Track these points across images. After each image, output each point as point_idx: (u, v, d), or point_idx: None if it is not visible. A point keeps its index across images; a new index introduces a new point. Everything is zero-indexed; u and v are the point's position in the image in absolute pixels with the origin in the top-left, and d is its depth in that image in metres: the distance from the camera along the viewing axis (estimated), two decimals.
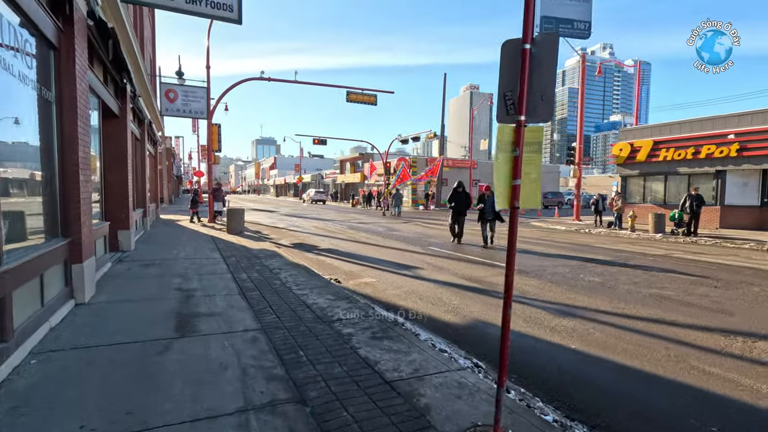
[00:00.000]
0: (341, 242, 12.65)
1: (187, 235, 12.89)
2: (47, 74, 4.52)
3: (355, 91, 20.65)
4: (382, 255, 10.27)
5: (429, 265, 8.85)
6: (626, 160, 20.44)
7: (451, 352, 3.93)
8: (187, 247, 10.08)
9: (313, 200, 47.93)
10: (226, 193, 19.35)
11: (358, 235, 14.47)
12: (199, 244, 10.84)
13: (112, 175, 8.85)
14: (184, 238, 12.08)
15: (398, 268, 8.49)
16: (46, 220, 4.53)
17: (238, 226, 13.53)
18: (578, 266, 8.89)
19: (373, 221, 20.84)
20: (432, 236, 14.29)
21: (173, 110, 14.15)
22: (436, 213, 29.94)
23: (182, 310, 4.88)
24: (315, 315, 4.82)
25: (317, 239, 13.29)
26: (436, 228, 17.51)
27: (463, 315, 5.39)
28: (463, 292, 6.61)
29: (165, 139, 37.45)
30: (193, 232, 13.88)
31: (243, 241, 11.77)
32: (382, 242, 12.61)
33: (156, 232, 13.54)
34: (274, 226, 17.54)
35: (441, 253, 10.51)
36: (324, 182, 68.15)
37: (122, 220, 9.01)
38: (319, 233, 15.04)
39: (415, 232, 15.78)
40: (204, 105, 14.60)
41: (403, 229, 16.92)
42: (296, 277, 6.97)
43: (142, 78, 10.53)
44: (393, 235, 14.68)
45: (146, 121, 13.24)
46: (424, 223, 20.35)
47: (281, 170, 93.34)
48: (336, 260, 9.48)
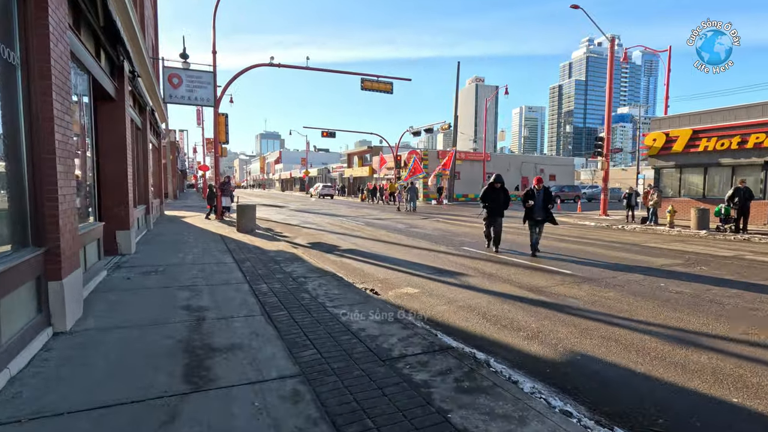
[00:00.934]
0: (362, 241, 11.48)
1: (194, 234, 11.77)
2: (8, 26, 3.34)
3: (370, 79, 19.38)
4: (413, 257, 9.09)
5: (473, 270, 7.66)
6: (660, 151, 19.07)
7: (577, 414, 2.75)
8: (194, 249, 8.94)
9: (321, 195, 46.80)
10: (233, 188, 18.21)
11: (378, 233, 13.29)
12: (207, 245, 9.71)
13: (109, 167, 7.71)
14: (191, 237, 10.96)
15: (439, 275, 7.31)
16: (9, 224, 3.38)
17: (249, 224, 12.40)
18: (649, 272, 7.66)
19: (388, 217, 19.65)
20: (459, 234, 13.08)
21: (177, 97, 12.98)
22: (452, 208, 28.70)
23: (192, 341, 3.73)
24: (366, 347, 3.65)
25: (335, 238, 12.13)
26: (460, 224, 16.28)
27: (551, 344, 4.20)
28: (532, 308, 5.42)
29: (169, 132, 36.39)
30: (201, 230, 12.76)
31: (256, 240, 10.62)
32: (407, 241, 11.43)
33: (160, 230, 12.43)
34: (286, 223, 16.40)
35: (479, 255, 9.31)
36: (331, 176, 66.96)
37: (121, 218, 7.88)
38: (335, 231, 13.88)
39: (438, 229, 14.58)
40: (210, 92, 13.39)
41: (424, 225, 15.72)
42: (326, 287, 5.80)
43: (143, 58, 9.35)
44: (416, 232, 13.49)
45: (148, 108, 12.09)
46: (444, 219, 19.14)
47: (287, 164, 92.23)
48: (363, 264, 8.31)
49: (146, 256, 7.95)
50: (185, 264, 7.28)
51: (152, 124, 15.05)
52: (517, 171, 43.48)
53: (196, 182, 77.42)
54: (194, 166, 70.70)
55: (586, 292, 6.14)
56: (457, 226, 15.50)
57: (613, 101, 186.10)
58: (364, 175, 49.63)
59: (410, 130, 36.15)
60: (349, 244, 10.99)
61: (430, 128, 32.98)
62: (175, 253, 8.45)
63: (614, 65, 21.38)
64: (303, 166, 70.02)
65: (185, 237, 10.99)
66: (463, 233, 13.34)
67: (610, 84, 21.32)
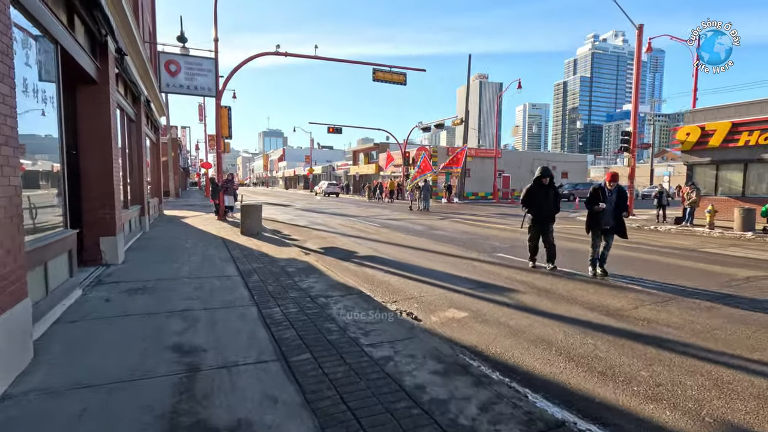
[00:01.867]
0: (381, 246, 10.26)
1: (193, 237, 10.59)
2: None
3: (382, 69, 18.13)
4: (445, 266, 7.86)
5: (522, 285, 6.43)
6: (695, 146, 17.74)
7: None
8: (192, 257, 7.75)
9: (326, 193, 45.65)
10: (237, 186, 17.02)
11: (395, 236, 12.07)
12: (207, 250, 8.51)
13: (91, 162, 6.52)
14: (189, 241, 9.77)
15: (483, 290, 6.09)
16: None
17: (254, 226, 11.20)
18: (738, 287, 6.41)
19: (403, 217, 18.42)
20: (488, 238, 11.83)
21: (175, 86, 11.78)
22: (464, 207, 27.43)
23: (179, 417, 2.52)
24: (440, 430, 2.43)
25: (350, 242, 10.92)
26: (482, 226, 15.03)
27: (691, 411, 2.96)
28: (623, 341, 4.19)
29: (170, 128, 35.26)
30: (201, 233, 11.58)
31: (262, 245, 9.42)
32: (431, 246, 10.21)
33: (156, 233, 11.26)
34: (294, 224, 15.21)
35: (519, 264, 8.08)
36: (335, 174, 65.75)
37: (106, 223, 6.69)
38: (348, 233, 12.67)
39: (461, 231, 13.33)
40: (212, 80, 12.19)
41: (443, 227, 14.48)
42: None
43: (133, 38, 8.14)
44: (438, 235, 12.26)
45: (142, 98, 10.89)
46: (462, 219, 17.88)
47: (290, 162, 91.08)
48: (390, 275, 7.09)
49: (135, 267, 6.77)
50: (180, 278, 6.09)
51: (149, 117, 13.87)
52: (529, 168, 42.11)
53: (199, 180, 76.41)
54: (197, 164, 69.67)
55: (679, 318, 4.90)
56: (480, 228, 14.25)
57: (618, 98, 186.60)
58: (370, 172, 48.41)
59: (419, 126, 34.88)
60: (367, 249, 9.78)
61: (440, 123, 31.71)
62: (170, 262, 7.26)
63: (641, 54, 19.98)
64: (307, 164, 68.81)
65: (183, 241, 9.81)
66: (492, 236, 12.09)
67: (637, 75, 19.97)
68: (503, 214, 20.46)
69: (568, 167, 44.56)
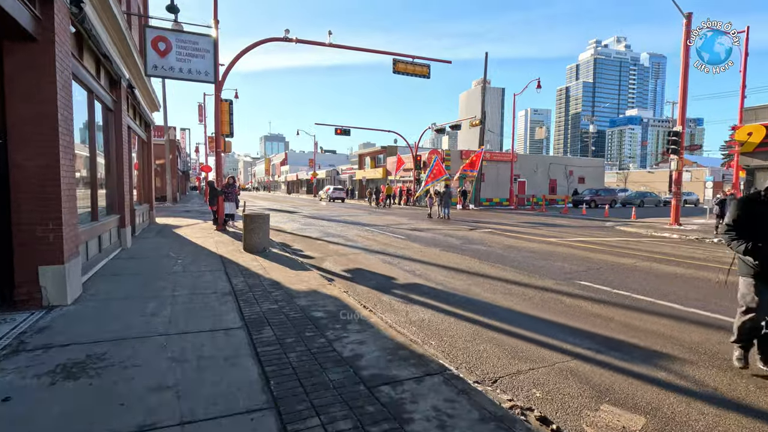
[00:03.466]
0: (419, 267, 8.11)
1: (185, 255, 8.45)
2: None
3: (404, 60, 16.08)
4: (523, 303, 5.71)
5: (680, 347, 4.27)
6: (757, 148, 15.66)
7: None
8: (178, 290, 5.61)
9: (331, 198, 43.57)
10: (239, 191, 14.91)
11: (430, 253, 9.92)
12: (200, 279, 6.37)
13: (23, 156, 4.41)
14: (178, 262, 7.63)
15: (620, 356, 3.95)
16: None
17: (260, 242, 9.07)
18: None
19: (425, 227, 16.27)
20: (548, 256, 9.66)
21: (165, 68, 9.68)
22: (484, 214, 25.29)
23: None
24: None
25: (378, 261, 8.77)
26: (526, 238, 12.85)
27: None
28: None
29: (169, 129, 33.25)
30: (195, 248, 9.44)
31: (272, 268, 7.28)
32: (482, 268, 8.06)
33: (140, 249, 9.12)
34: (304, 235, 13.06)
35: (629, 302, 5.92)
36: (339, 178, 63.72)
37: (47, 245, 4.56)
38: (372, 248, 10.52)
39: (506, 246, 11.16)
40: (210, 63, 10.07)
41: (482, 240, 12.31)
42: (450, 423, 2.45)
43: None
44: (482, 252, 10.11)
45: (123, 82, 8.79)
46: (496, 229, 15.71)
47: (293, 166, 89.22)
48: (459, 321, 4.93)
49: (91, 312, 4.62)
50: (153, 335, 3.94)
51: (136, 110, 11.79)
52: (545, 173, 40.08)
53: (199, 184, 74.36)
54: (197, 167, 67.66)
55: None
56: (526, 241, 12.07)
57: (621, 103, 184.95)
58: (377, 177, 46.33)
59: (432, 128, 32.85)
60: (405, 272, 7.63)
61: (457, 125, 29.67)
62: (146, 299, 5.11)
63: (688, 46, 17.91)
64: (310, 168, 66.81)
65: (172, 261, 7.67)
66: (551, 254, 9.92)
67: (685, 67, 17.89)
68: (536, 224, 18.30)
69: (584, 172, 42.49)
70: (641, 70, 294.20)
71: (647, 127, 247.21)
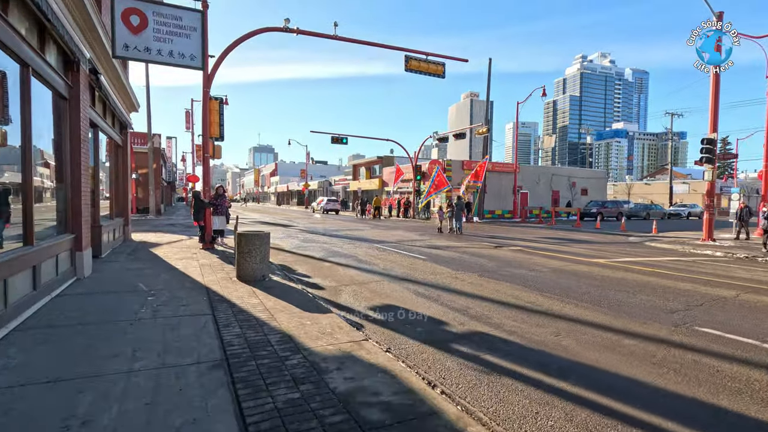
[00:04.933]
0: (466, 302, 6.22)
1: (158, 288, 6.42)
2: None
3: (417, 57, 14.40)
4: (643, 368, 3.86)
5: None
6: None
7: None
8: (137, 362, 3.60)
9: (325, 210, 41.58)
10: (229, 203, 12.89)
11: (467, 279, 8.03)
12: (175, 332, 4.36)
13: None
14: (147, 302, 5.60)
15: None
16: None
17: (259, 268, 7.10)
18: None
19: (441, 243, 14.39)
20: (621, 285, 7.84)
21: (139, 49, 7.70)
22: (492, 228, 23.54)
23: None
24: None
25: (408, 293, 6.86)
26: (570, 259, 11.05)
27: None
28: None
29: (153, 137, 31.05)
30: (174, 276, 7.41)
31: (277, 309, 5.31)
32: (546, 302, 6.20)
33: (100, 280, 7.06)
34: (307, 255, 11.08)
35: None
36: (332, 189, 61.78)
37: None
38: (394, 272, 8.60)
39: (553, 269, 9.33)
40: (197, 45, 8.13)
41: (518, 260, 10.48)
42: None
43: None
44: (530, 279, 8.26)
45: (83, 63, 6.83)
46: (524, 247, 13.91)
47: (283, 177, 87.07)
48: (604, 418, 3.04)
49: None
50: None
51: (105, 104, 9.81)
52: (548, 184, 38.74)
53: (186, 195, 71.62)
54: (183, 177, 65.08)
55: None
56: (567, 261, 10.26)
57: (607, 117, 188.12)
58: (373, 188, 44.51)
59: (434, 137, 31.26)
60: (455, 313, 5.72)
61: (461, 133, 28.13)
62: (72, 394, 3.11)
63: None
64: (302, 179, 64.76)
65: (138, 301, 5.64)
66: (612, 280, 8.11)
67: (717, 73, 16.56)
68: (561, 240, 16.59)
69: (587, 183, 41.30)
70: (626, 84, 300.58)
71: (633, 140, 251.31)
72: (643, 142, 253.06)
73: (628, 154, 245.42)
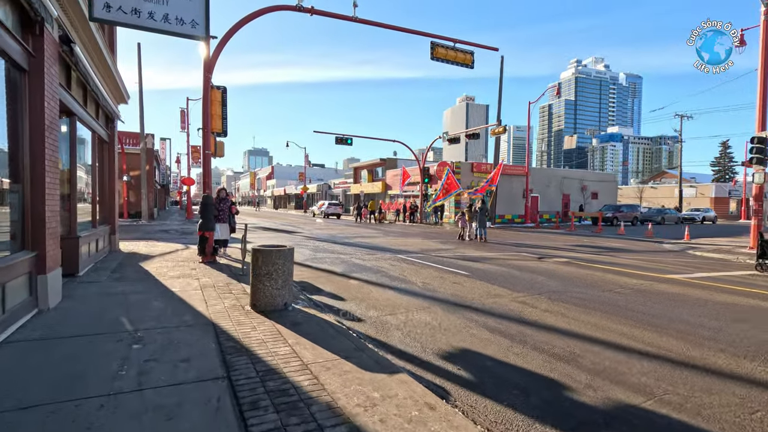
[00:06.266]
0: (568, 344, 4.60)
1: (147, 327, 4.71)
2: None
3: (444, 44, 12.83)
4: None
5: None
6: None
7: None
8: None
9: (326, 214, 39.93)
10: (236, 209, 11.19)
11: (539, 305, 6.41)
12: (171, 425, 2.69)
13: None
14: (131, 353, 3.91)
15: None
16: None
17: (280, 294, 5.43)
18: None
19: (473, 253, 12.76)
20: (729, 314, 6.24)
21: (124, 10, 5.90)
22: (511, 234, 21.98)
23: None
24: None
25: (481, 329, 5.22)
26: (625, 273, 9.44)
27: None
28: None
29: (146, 137, 29.22)
30: (169, 305, 5.70)
31: (317, 362, 3.64)
32: (687, 351, 4.59)
33: (68, 313, 5.34)
34: (324, 269, 9.39)
35: None
36: (331, 192, 60.04)
37: None
38: (438, 293, 6.95)
39: (630, 288, 7.72)
40: (199, 8, 6.38)
41: (579, 276, 8.86)
42: None
43: None
44: (624, 306, 6.63)
45: (48, 25, 5.14)
46: (564, 257, 12.31)
47: (280, 180, 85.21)
48: None
49: None
50: None
51: (85, 87, 8.10)
52: (558, 188, 37.31)
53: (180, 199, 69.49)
54: (178, 180, 63.04)
55: None
56: (637, 278, 8.66)
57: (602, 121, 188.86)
58: (376, 191, 42.86)
59: (444, 137, 29.71)
60: (564, 365, 4.09)
61: (475, 133, 26.56)
62: None
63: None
64: (300, 182, 62.93)
65: (118, 353, 3.95)
66: (717, 305, 6.51)
67: (765, 64, 15.17)
68: (597, 248, 15.03)
69: (598, 187, 39.95)
70: (620, 89, 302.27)
71: (628, 144, 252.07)
72: (638, 146, 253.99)
73: (623, 159, 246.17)
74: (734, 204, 53.56)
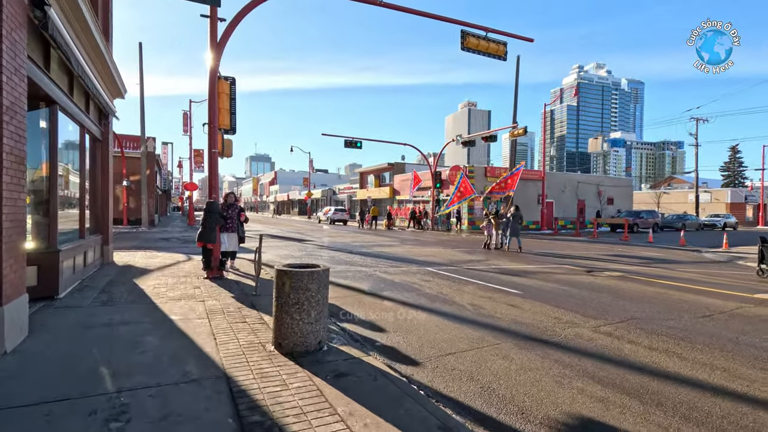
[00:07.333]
0: (710, 407, 3.27)
1: (136, 382, 3.39)
2: None
3: (476, 34, 11.60)
4: None
5: None
6: None
7: None
8: None
9: (332, 220, 38.64)
10: (245, 216, 9.85)
11: (639, 341, 5.06)
12: None
13: None
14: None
15: None
16: None
17: (313, 330, 4.12)
18: None
19: (511, 266, 11.41)
20: None
21: None
22: (536, 243, 20.63)
23: None
24: None
25: (576, 376, 3.88)
26: (693, 289, 8.07)
27: None
28: None
29: (146, 141, 28.01)
30: (166, 344, 4.37)
31: None
32: None
33: (33, 357, 4.01)
34: (349, 286, 8.04)
35: None
36: (336, 198, 58.83)
37: None
38: (497, 321, 5.61)
39: (723, 312, 6.37)
40: None
41: (647, 295, 7.50)
42: None
43: None
44: (732, 342, 5.30)
45: None
46: (618, 271, 10.94)
47: (283, 186, 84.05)
48: None
49: None
50: None
51: (69, 70, 6.85)
52: (573, 193, 35.98)
53: (182, 204, 68.23)
54: (180, 186, 61.84)
55: None
56: (713, 297, 7.30)
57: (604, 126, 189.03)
58: (383, 196, 41.57)
59: (457, 140, 28.45)
60: None
61: (492, 135, 25.28)
62: None
63: None
64: (304, 187, 61.74)
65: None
66: None
67: None
68: (641, 258, 13.66)
69: (614, 192, 38.60)
70: (623, 94, 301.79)
71: (631, 149, 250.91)
72: (641, 152, 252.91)
73: (626, 165, 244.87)
74: (751, 209, 52.09)
